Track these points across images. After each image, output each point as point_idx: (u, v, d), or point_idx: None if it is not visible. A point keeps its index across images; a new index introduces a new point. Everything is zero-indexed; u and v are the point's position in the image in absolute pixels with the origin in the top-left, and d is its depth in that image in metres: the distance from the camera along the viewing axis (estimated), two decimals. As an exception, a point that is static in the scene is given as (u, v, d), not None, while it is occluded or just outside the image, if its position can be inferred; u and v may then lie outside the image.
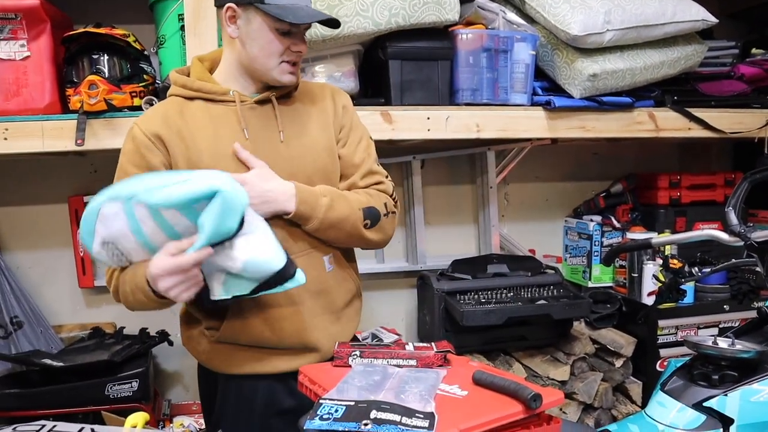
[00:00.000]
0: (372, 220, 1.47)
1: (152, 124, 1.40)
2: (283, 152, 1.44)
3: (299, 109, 1.50)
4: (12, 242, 2.47)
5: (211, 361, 1.51)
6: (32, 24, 1.87)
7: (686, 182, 2.76)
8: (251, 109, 1.44)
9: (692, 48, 2.31)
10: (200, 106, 1.43)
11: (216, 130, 1.41)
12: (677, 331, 2.40)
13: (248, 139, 1.41)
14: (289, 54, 1.40)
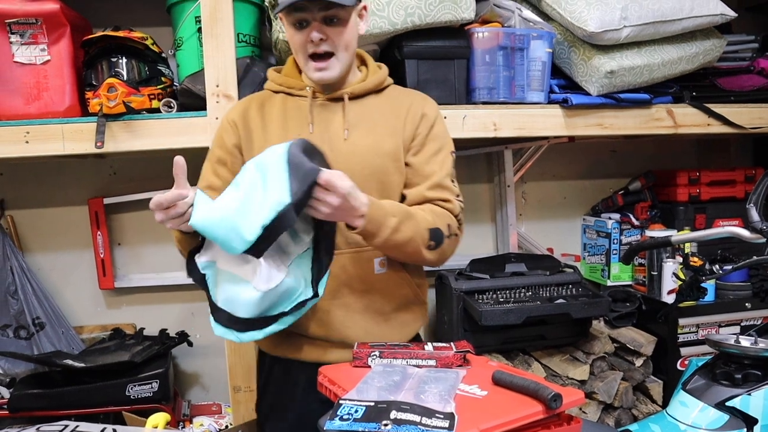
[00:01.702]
0: (436, 241, 1.44)
1: (233, 112, 1.56)
2: (343, 149, 1.46)
3: (372, 110, 1.52)
4: (33, 244, 2.50)
5: (261, 342, 1.57)
6: (52, 28, 1.89)
7: (705, 179, 2.72)
8: (321, 105, 1.51)
9: (711, 43, 2.28)
10: (281, 99, 1.54)
11: (286, 122, 1.50)
12: (698, 330, 2.37)
13: (312, 133, 1.47)
14: (310, 46, 1.41)
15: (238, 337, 1.32)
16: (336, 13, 1.39)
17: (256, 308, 1.30)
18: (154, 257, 2.58)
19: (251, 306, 1.29)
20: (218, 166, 1.53)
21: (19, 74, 1.90)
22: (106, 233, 2.47)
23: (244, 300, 1.29)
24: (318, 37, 1.40)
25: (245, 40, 2.16)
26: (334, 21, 1.40)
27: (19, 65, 1.89)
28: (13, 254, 2.35)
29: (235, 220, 1.21)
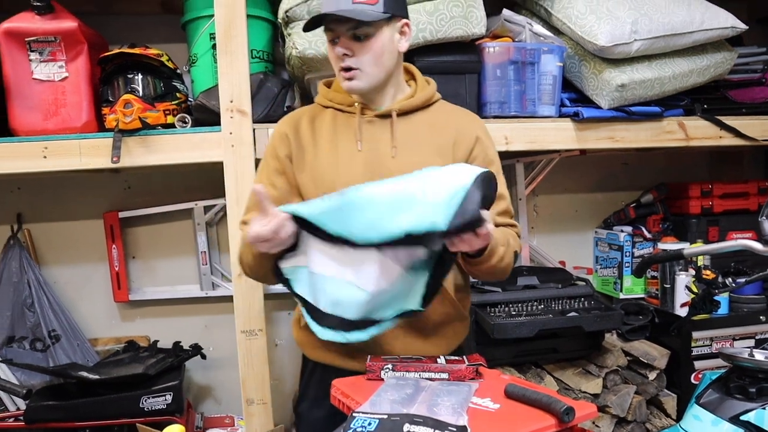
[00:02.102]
0: (514, 264, 1.53)
1: (285, 124, 1.58)
2: (391, 167, 1.46)
3: (419, 128, 1.53)
4: (49, 257, 2.54)
5: (302, 346, 1.63)
6: (70, 46, 1.93)
7: (718, 191, 2.72)
8: (369, 122, 1.52)
9: (721, 55, 2.29)
10: (331, 114, 1.56)
11: (336, 138, 1.51)
12: (712, 343, 2.35)
13: (361, 150, 1.49)
14: (341, 60, 1.44)
15: (344, 337, 1.35)
16: (364, 31, 1.41)
17: (363, 309, 1.32)
18: (168, 270, 2.61)
19: (359, 307, 1.32)
20: (276, 176, 1.54)
21: (38, 91, 1.93)
22: (120, 246, 2.49)
23: (352, 301, 1.32)
24: (341, 52, 1.43)
25: (258, 56, 2.19)
26: (361, 38, 1.42)
27: (38, 82, 1.93)
28: (30, 267, 2.39)
29: (384, 212, 1.23)
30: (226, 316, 2.45)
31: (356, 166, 1.47)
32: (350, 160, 1.48)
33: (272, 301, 2.59)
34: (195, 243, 2.55)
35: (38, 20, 1.90)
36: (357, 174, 1.45)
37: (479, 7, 2.00)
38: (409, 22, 1.49)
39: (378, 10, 1.39)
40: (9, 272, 2.37)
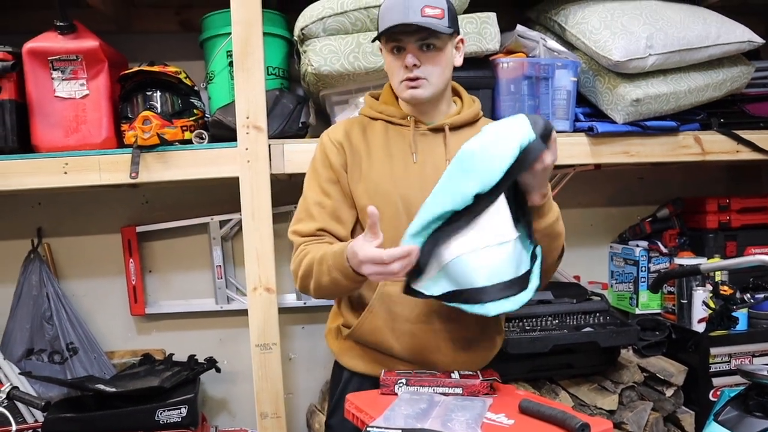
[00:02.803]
0: (561, 257, 1.57)
1: (337, 134, 1.56)
2: None
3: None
4: (68, 270, 2.57)
5: (340, 356, 1.62)
6: (91, 64, 1.97)
7: (736, 205, 2.69)
8: (423, 135, 1.54)
9: (738, 69, 2.28)
10: (381, 126, 1.57)
11: (389, 150, 1.53)
12: (730, 360, 2.32)
13: (416, 162, 1.51)
14: (405, 71, 1.46)
15: (514, 302, 1.32)
16: (432, 41, 1.45)
17: (514, 261, 1.33)
18: (184, 284, 2.63)
19: (510, 260, 1.32)
20: (329, 185, 1.54)
21: (60, 108, 1.97)
22: (137, 260, 2.52)
23: (503, 258, 1.32)
24: (412, 62, 1.45)
25: (275, 72, 2.22)
26: (430, 48, 1.45)
27: (59, 99, 1.97)
28: (49, 281, 2.42)
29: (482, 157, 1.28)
30: (241, 330, 2.47)
31: (412, 178, 1.50)
32: (405, 172, 1.51)
33: (286, 315, 2.60)
34: (210, 257, 2.57)
35: (61, 40, 1.95)
36: (413, 185, 1.49)
37: (493, 23, 2.02)
38: (464, 39, 1.57)
39: (445, 24, 1.43)
40: (29, 285, 2.41)
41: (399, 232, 1.41)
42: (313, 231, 1.51)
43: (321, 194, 1.54)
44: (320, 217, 1.52)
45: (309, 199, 1.55)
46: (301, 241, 1.52)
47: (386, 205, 1.47)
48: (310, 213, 1.53)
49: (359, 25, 1.94)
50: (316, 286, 1.45)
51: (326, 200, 1.53)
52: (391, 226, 1.44)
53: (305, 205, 1.55)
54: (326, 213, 1.52)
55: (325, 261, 1.39)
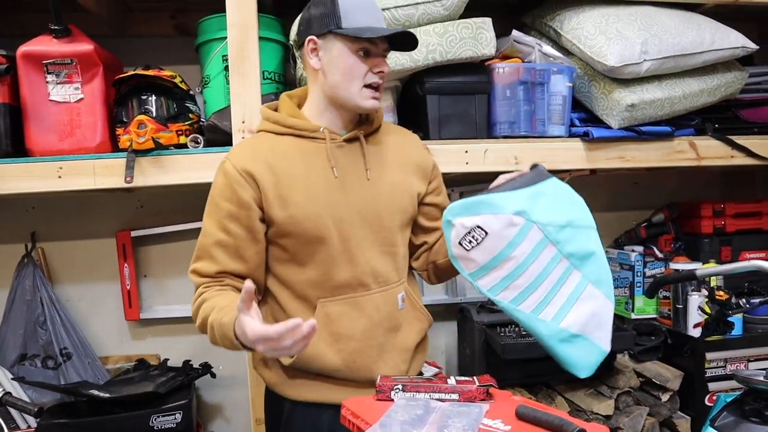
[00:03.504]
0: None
1: (243, 160, 1.43)
2: (370, 190, 1.48)
3: (384, 148, 1.55)
4: (62, 275, 2.56)
5: (280, 387, 1.54)
6: (86, 68, 1.96)
7: (731, 210, 2.70)
8: (339, 147, 1.49)
9: (732, 75, 2.29)
10: (291, 142, 1.48)
11: (307, 167, 1.45)
12: (726, 365, 2.32)
13: (337, 177, 1.46)
14: (371, 76, 1.44)
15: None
16: (388, 51, 1.46)
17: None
18: (179, 289, 2.62)
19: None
20: (229, 222, 1.43)
21: (54, 112, 1.96)
22: (132, 265, 2.51)
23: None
24: (388, 70, 1.46)
25: (270, 77, 2.21)
26: (386, 55, 1.47)
27: (54, 103, 1.96)
28: (43, 286, 2.41)
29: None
30: (237, 335, 2.45)
31: (336, 195, 1.45)
32: (328, 189, 1.45)
33: (282, 320, 2.59)
34: (206, 262, 2.56)
35: (55, 43, 1.94)
36: (339, 203, 1.45)
37: (489, 28, 2.02)
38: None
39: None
40: (22, 290, 2.39)
41: (331, 254, 1.43)
42: (213, 273, 1.44)
43: (221, 232, 1.44)
44: (221, 258, 1.43)
45: (209, 236, 1.45)
46: (200, 282, 1.45)
47: (317, 227, 1.43)
48: (210, 253, 1.44)
49: (355, 29, 1.94)
50: (212, 343, 1.38)
51: (227, 238, 1.43)
52: (322, 248, 1.43)
53: (204, 244, 1.45)
54: (227, 253, 1.43)
55: (216, 329, 1.33)
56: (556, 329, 1.35)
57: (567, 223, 1.37)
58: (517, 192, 1.37)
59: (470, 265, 1.39)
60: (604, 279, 1.38)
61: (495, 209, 1.35)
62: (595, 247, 1.40)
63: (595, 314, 1.36)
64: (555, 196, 1.41)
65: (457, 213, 1.37)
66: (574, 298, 1.36)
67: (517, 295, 1.37)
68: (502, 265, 1.36)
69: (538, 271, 1.36)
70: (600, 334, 1.36)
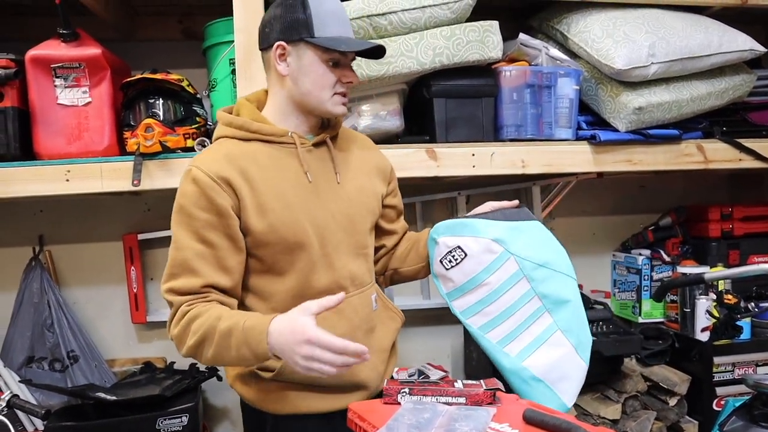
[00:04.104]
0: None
1: (216, 166, 1.36)
2: (341, 194, 1.47)
3: (346, 152, 1.55)
4: (69, 278, 2.56)
5: (261, 402, 1.48)
6: (94, 72, 1.97)
7: (739, 214, 2.69)
8: (308, 152, 1.47)
9: (740, 78, 2.28)
10: (258, 147, 1.42)
11: (279, 173, 1.41)
12: (734, 369, 2.31)
13: (311, 182, 1.44)
14: (340, 86, 1.44)
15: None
16: (353, 60, 1.47)
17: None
18: (186, 292, 2.62)
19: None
20: (208, 232, 1.34)
21: (62, 115, 1.97)
22: (139, 268, 2.51)
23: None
24: (358, 80, 1.47)
25: (277, 80, 2.21)
26: (351, 66, 1.47)
27: (62, 107, 1.97)
28: (50, 288, 2.41)
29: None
30: (243, 338, 2.45)
31: (312, 200, 1.43)
32: (304, 194, 1.42)
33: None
34: (212, 265, 2.56)
35: (64, 47, 1.95)
36: (316, 207, 1.43)
37: (495, 31, 2.02)
38: None
39: None
40: (30, 293, 2.40)
41: (311, 261, 1.41)
42: (198, 288, 1.33)
43: (199, 243, 1.34)
44: (204, 271, 1.33)
45: (186, 250, 1.34)
46: (182, 301, 1.32)
47: (296, 234, 1.39)
48: (190, 267, 1.33)
49: (362, 33, 1.94)
50: (215, 358, 1.29)
51: (207, 250, 1.34)
52: (303, 255, 1.41)
53: (181, 258, 1.34)
54: (210, 265, 1.33)
55: (234, 335, 1.24)
56: (519, 366, 1.38)
57: (544, 263, 1.41)
58: (500, 223, 1.43)
59: (448, 285, 1.45)
60: (577, 331, 1.39)
61: (476, 233, 1.41)
62: (572, 297, 1.42)
63: (561, 363, 1.38)
64: (536, 237, 1.46)
65: (442, 232, 1.44)
66: (542, 340, 1.39)
67: (487, 322, 1.41)
68: (477, 290, 1.41)
69: (509, 303, 1.40)
70: (563, 386, 1.38)
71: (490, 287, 1.39)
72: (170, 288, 1.35)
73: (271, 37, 1.42)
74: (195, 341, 1.29)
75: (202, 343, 1.29)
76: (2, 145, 1.95)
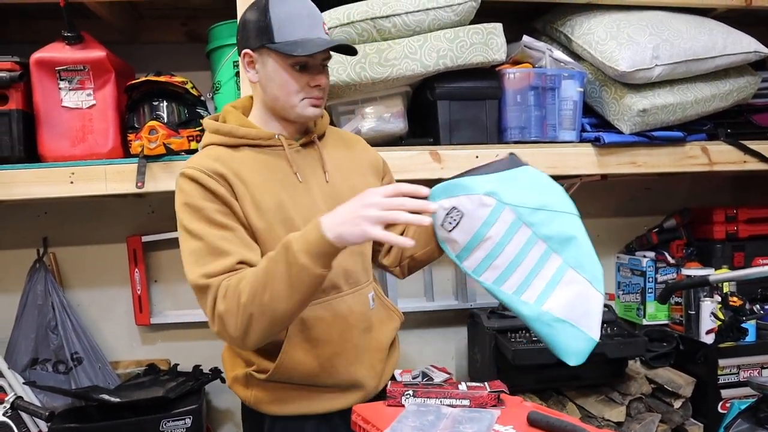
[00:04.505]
0: None
1: (209, 164, 1.36)
2: (331, 193, 1.47)
3: (336, 151, 1.55)
4: (73, 280, 2.57)
5: (259, 403, 1.48)
6: (98, 74, 1.98)
7: (743, 216, 2.68)
8: (297, 152, 1.47)
9: (745, 80, 2.28)
10: (247, 153, 1.42)
11: (270, 175, 1.41)
12: (739, 371, 2.30)
13: (302, 182, 1.44)
14: (309, 90, 1.41)
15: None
16: (327, 60, 1.44)
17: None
18: (189, 294, 2.58)
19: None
20: (223, 217, 1.33)
21: (67, 118, 1.98)
22: (143, 270, 2.52)
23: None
24: (327, 83, 1.43)
25: (281, 82, 2.21)
26: (325, 66, 1.44)
27: (66, 109, 1.97)
28: (54, 290, 2.42)
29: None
30: (247, 340, 2.45)
31: (304, 201, 1.43)
32: (296, 194, 1.42)
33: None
34: (216, 267, 2.56)
35: (68, 50, 1.96)
36: (309, 208, 1.42)
37: (499, 34, 2.02)
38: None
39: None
40: (34, 295, 2.41)
41: None
42: (232, 265, 1.27)
43: (219, 228, 1.31)
44: (232, 249, 1.29)
45: (207, 237, 1.30)
46: (219, 280, 1.26)
47: (290, 233, 1.34)
48: (218, 249, 1.28)
49: (366, 35, 1.95)
50: (273, 298, 1.20)
51: (228, 233, 1.31)
52: None
53: (205, 246, 1.29)
54: (236, 244, 1.30)
55: (290, 250, 1.19)
56: (539, 311, 1.35)
57: (541, 206, 1.38)
58: (489, 176, 1.41)
59: (455, 247, 1.42)
60: (588, 265, 1.36)
61: (467, 191, 1.39)
62: (576, 233, 1.38)
63: (580, 299, 1.34)
64: (528, 181, 1.43)
65: (437, 196, 1.41)
66: (556, 281, 1.35)
67: (499, 275, 1.39)
68: (481, 245, 1.39)
69: (514, 252, 1.37)
70: (587, 322, 1.35)
71: (492, 241, 1.37)
72: (203, 273, 1.27)
73: (240, 44, 1.43)
74: (249, 294, 1.21)
75: (257, 290, 1.21)
76: (7, 147, 1.96)
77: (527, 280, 1.37)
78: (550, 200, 1.40)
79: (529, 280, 1.37)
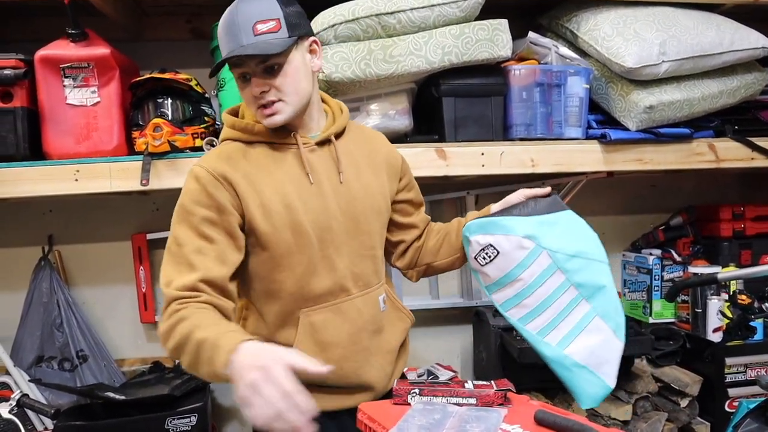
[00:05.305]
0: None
1: (217, 164, 1.36)
2: (345, 193, 1.45)
3: (352, 150, 1.52)
4: (79, 278, 2.57)
5: None
6: (103, 72, 1.97)
7: (750, 213, 2.67)
8: (311, 151, 1.44)
9: (752, 76, 2.26)
10: (262, 150, 1.42)
11: (281, 174, 1.40)
12: (746, 370, 2.29)
13: (313, 183, 1.42)
14: (256, 100, 1.37)
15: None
16: (273, 62, 1.33)
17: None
18: (194, 292, 2.62)
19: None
20: (208, 227, 1.33)
21: (71, 115, 1.97)
22: (148, 268, 2.52)
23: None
24: (259, 91, 1.35)
25: (285, 79, 2.21)
26: (275, 69, 1.34)
27: (71, 107, 1.97)
28: (59, 288, 2.42)
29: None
30: (251, 338, 2.45)
31: (314, 202, 1.41)
32: (306, 196, 1.40)
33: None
34: (221, 265, 2.56)
35: (73, 47, 1.95)
36: (318, 209, 1.41)
37: (505, 30, 2.01)
38: (317, 40, 1.43)
39: (282, 36, 1.32)
40: (39, 293, 2.41)
41: (312, 263, 1.40)
42: (193, 283, 1.28)
43: (199, 239, 1.32)
44: (201, 265, 1.30)
45: (184, 246, 1.32)
46: (175, 296, 1.27)
47: (298, 236, 1.38)
48: (188, 261, 1.30)
49: (370, 32, 1.94)
50: (189, 367, 1.23)
51: (207, 245, 1.32)
52: (303, 257, 1.40)
53: (180, 254, 1.31)
54: (208, 258, 1.31)
55: (205, 350, 1.17)
56: (561, 354, 1.40)
57: (577, 253, 1.42)
58: (531, 218, 1.44)
59: (486, 279, 1.49)
60: (613, 314, 1.41)
61: (507, 231, 1.44)
62: (606, 282, 1.43)
63: (601, 348, 1.39)
64: (568, 227, 1.47)
65: (474, 231, 1.46)
66: (581, 327, 1.40)
67: (526, 314, 1.44)
68: (512, 284, 1.44)
69: (545, 295, 1.42)
70: (606, 370, 1.40)
71: (524, 282, 1.42)
72: (168, 281, 1.30)
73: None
74: (175, 344, 1.24)
75: (181, 349, 1.23)
76: (11, 145, 1.95)
77: (553, 322, 1.41)
78: (585, 247, 1.44)
79: (555, 323, 1.41)
